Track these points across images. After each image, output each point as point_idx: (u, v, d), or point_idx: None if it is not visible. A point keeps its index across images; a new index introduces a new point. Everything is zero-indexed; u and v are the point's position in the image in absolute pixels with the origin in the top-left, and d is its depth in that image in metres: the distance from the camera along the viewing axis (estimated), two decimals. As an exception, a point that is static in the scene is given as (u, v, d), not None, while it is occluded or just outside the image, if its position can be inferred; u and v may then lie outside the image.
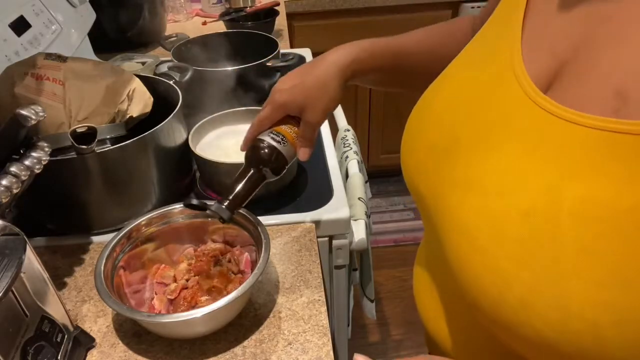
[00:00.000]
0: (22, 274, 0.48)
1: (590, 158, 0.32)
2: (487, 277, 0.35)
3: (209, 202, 0.58)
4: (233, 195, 0.57)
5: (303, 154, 0.62)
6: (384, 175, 2.37)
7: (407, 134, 0.50)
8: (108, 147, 0.71)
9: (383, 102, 2.14)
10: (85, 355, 0.58)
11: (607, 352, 0.31)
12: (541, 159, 0.35)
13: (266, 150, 0.59)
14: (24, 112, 0.52)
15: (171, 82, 0.84)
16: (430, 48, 0.63)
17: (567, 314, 0.31)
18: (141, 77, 0.80)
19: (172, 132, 0.76)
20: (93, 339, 0.60)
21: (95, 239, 0.75)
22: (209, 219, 0.67)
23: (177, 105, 0.77)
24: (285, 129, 0.62)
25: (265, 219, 0.72)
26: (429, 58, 0.63)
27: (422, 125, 0.48)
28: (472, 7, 1.93)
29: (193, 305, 0.60)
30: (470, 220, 0.37)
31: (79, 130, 0.67)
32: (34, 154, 0.54)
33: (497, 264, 0.34)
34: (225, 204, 0.57)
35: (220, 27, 1.54)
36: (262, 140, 0.60)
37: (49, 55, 0.76)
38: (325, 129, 0.99)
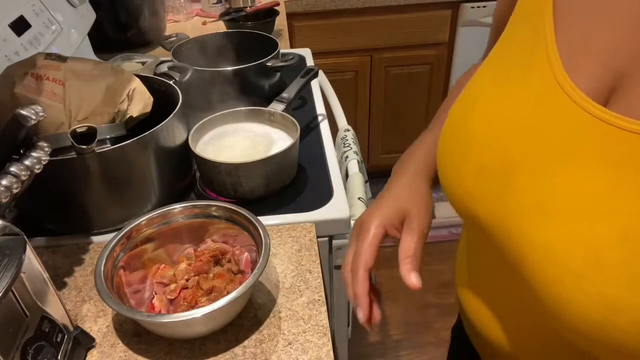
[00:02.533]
0: (22, 274, 0.48)
1: None
2: (587, 302, 0.35)
3: None
4: None
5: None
6: (384, 175, 2.35)
7: (445, 157, 0.48)
8: (108, 147, 0.71)
9: (383, 102, 2.14)
10: (85, 355, 0.58)
11: None
12: (627, 178, 0.34)
13: None
14: (24, 112, 0.52)
15: (171, 82, 0.84)
16: None
17: None
18: (141, 77, 0.80)
19: (172, 132, 0.76)
20: (93, 339, 0.60)
21: (95, 239, 0.75)
22: (209, 219, 0.67)
23: (177, 105, 0.77)
24: None
25: (265, 219, 0.72)
26: None
27: (462, 148, 0.45)
28: (472, 7, 1.93)
29: (193, 305, 0.60)
30: (558, 246, 0.36)
31: (79, 130, 0.67)
32: (34, 154, 0.54)
33: (598, 289, 0.34)
34: None
35: (220, 27, 1.54)
36: None
37: (49, 55, 0.76)
38: (325, 129, 0.99)
